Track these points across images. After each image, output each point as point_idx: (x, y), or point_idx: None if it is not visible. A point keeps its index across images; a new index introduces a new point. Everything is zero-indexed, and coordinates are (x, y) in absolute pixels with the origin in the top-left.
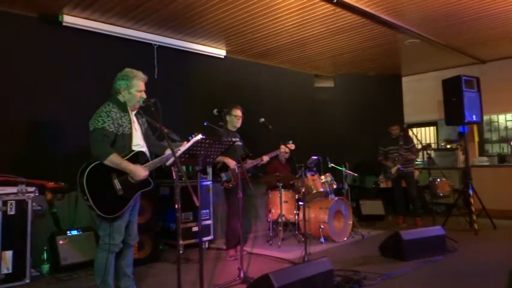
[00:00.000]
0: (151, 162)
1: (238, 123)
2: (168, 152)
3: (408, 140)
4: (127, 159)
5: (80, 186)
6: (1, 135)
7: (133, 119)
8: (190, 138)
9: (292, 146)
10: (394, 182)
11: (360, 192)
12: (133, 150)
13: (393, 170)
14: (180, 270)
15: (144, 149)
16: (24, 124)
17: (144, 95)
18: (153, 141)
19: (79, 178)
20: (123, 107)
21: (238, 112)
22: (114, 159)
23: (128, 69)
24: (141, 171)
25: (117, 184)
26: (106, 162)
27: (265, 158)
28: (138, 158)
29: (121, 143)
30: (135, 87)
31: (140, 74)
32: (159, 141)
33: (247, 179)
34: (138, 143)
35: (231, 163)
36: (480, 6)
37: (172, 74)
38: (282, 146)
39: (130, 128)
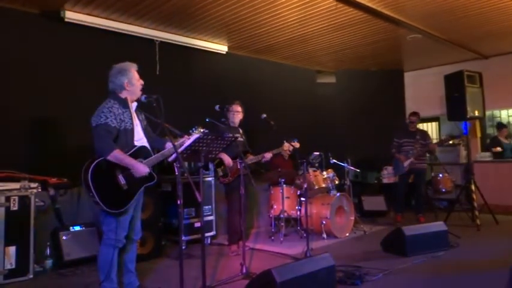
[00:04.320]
0: (153, 157)
1: (236, 119)
2: (169, 146)
3: (426, 135)
4: (130, 155)
5: (84, 182)
6: (3, 131)
7: (134, 114)
8: (191, 132)
9: (296, 145)
10: (402, 176)
11: (361, 188)
12: (136, 146)
13: (406, 163)
14: (182, 266)
15: (146, 144)
16: (26, 120)
17: (141, 81)
18: (153, 137)
19: (84, 174)
20: (124, 103)
21: (235, 108)
22: (117, 155)
23: (120, 65)
24: (143, 168)
25: (122, 179)
26: (110, 157)
27: (268, 155)
28: (141, 152)
29: (123, 138)
30: (134, 77)
31: (132, 64)
32: (161, 137)
33: (249, 175)
34: (140, 138)
35: (227, 159)
36: (484, 0)
37: (174, 70)
38: (286, 144)
39: (132, 124)
